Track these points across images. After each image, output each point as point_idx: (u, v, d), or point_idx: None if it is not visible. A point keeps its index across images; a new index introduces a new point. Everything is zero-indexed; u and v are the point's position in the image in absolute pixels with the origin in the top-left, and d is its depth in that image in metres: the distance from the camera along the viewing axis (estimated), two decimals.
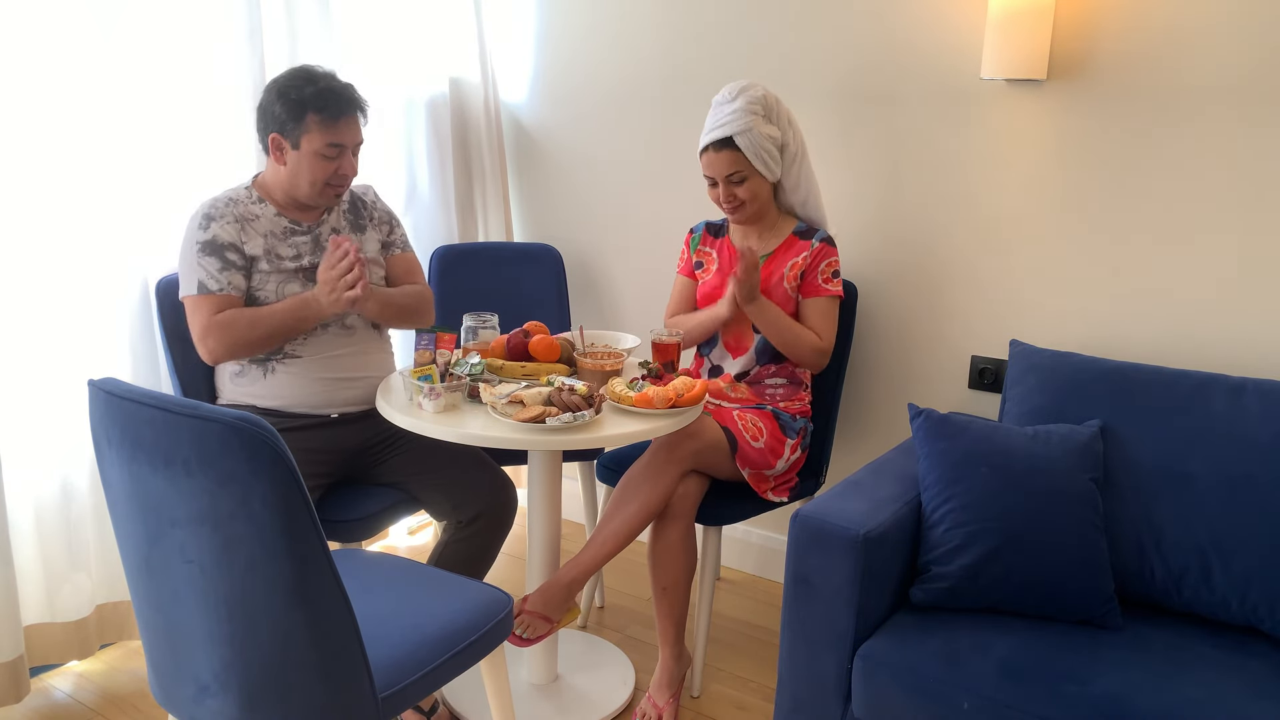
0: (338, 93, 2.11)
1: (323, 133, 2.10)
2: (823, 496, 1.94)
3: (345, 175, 2.17)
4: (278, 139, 2.12)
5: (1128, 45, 2.19)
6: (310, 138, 2.10)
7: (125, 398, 1.42)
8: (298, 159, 2.12)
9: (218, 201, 2.15)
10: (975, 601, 1.89)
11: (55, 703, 2.29)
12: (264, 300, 2.15)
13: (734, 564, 3.03)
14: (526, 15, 3.12)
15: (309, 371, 2.20)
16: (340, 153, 2.13)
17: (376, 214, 2.36)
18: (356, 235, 2.28)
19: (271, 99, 2.11)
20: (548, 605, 2.12)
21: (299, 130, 2.10)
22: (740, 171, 2.26)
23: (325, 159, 2.12)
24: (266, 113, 2.13)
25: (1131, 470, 1.96)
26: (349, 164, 2.16)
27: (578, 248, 3.17)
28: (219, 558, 1.41)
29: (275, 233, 2.17)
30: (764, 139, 2.23)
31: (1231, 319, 2.17)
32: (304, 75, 2.12)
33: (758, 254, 2.26)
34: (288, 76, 2.13)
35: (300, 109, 2.08)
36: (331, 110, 2.10)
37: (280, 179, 2.17)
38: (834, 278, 2.34)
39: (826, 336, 2.34)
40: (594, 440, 1.90)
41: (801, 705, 1.90)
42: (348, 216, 2.29)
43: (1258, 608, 1.83)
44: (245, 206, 2.16)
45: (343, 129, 2.12)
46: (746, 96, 2.24)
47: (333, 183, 2.16)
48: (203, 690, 1.51)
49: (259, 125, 2.16)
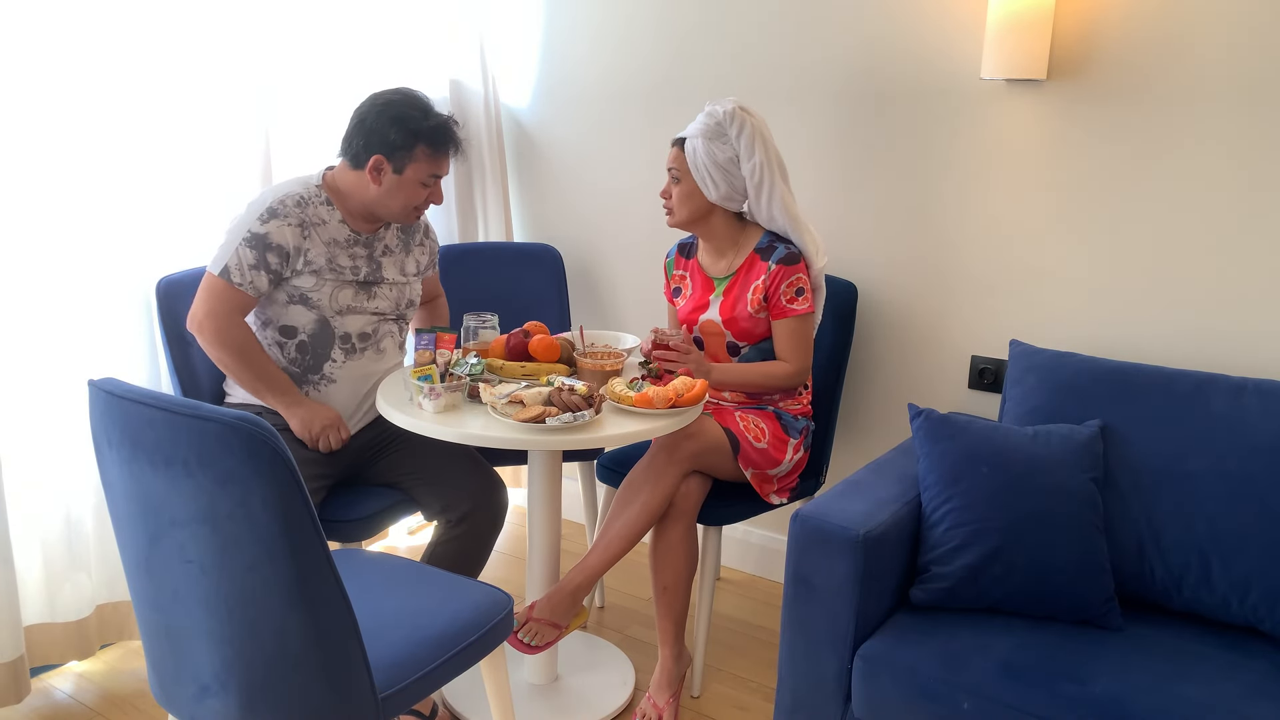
0: (450, 131, 2.17)
1: (429, 164, 2.15)
2: (823, 496, 1.94)
3: (434, 203, 2.23)
4: (380, 161, 2.13)
5: (1128, 45, 2.19)
6: (417, 167, 2.14)
7: (125, 398, 1.42)
8: (397, 183, 2.15)
9: (288, 199, 2.14)
10: (975, 601, 1.89)
11: (55, 703, 2.29)
12: (315, 301, 2.16)
13: (734, 564, 3.03)
14: (526, 17, 3.12)
15: (338, 394, 2.23)
16: (436, 183, 2.20)
17: (426, 236, 2.40)
18: (402, 255, 2.31)
19: (385, 123, 2.11)
20: (555, 611, 2.12)
21: (407, 158, 2.13)
22: (677, 170, 2.27)
23: (423, 187, 2.17)
24: (375, 134, 2.12)
25: (1131, 470, 1.96)
26: (439, 193, 2.23)
27: (578, 248, 3.17)
28: (219, 558, 1.41)
29: (338, 240, 2.18)
30: (706, 155, 2.21)
31: (1231, 319, 2.17)
32: (420, 107, 2.15)
33: (679, 333, 2.22)
34: (404, 104, 2.14)
35: (413, 139, 2.12)
36: (443, 147, 2.16)
37: (366, 194, 2.17)
38: (798, 296, 2.27)
39: (796, 359, 2.29)
40: (594, 440, 1.90)
41: (801, 705, 1.90)
42: (400, 234, 2.32)
43: (1258, 608, 1.83)
44: (314, 209, 2.16)
45: (445, 163, 2.19)
46: (709, 109, 2.24)
47: (420, 207, 2.22)
48: (203, 690, 1.51)
49: (359, 139, 2.14)
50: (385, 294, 2.27)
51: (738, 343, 2.34)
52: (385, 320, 2.28)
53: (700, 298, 2.38)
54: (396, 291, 2.29)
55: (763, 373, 2.30)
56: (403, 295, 2.31)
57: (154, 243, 2.35)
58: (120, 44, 2.23)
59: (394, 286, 2.29)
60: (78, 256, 2.22)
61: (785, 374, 2.30)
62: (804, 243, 2.29)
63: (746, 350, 2.35)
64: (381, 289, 2.26)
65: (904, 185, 2.54)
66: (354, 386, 2.25)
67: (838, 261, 2.67)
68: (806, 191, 2.65)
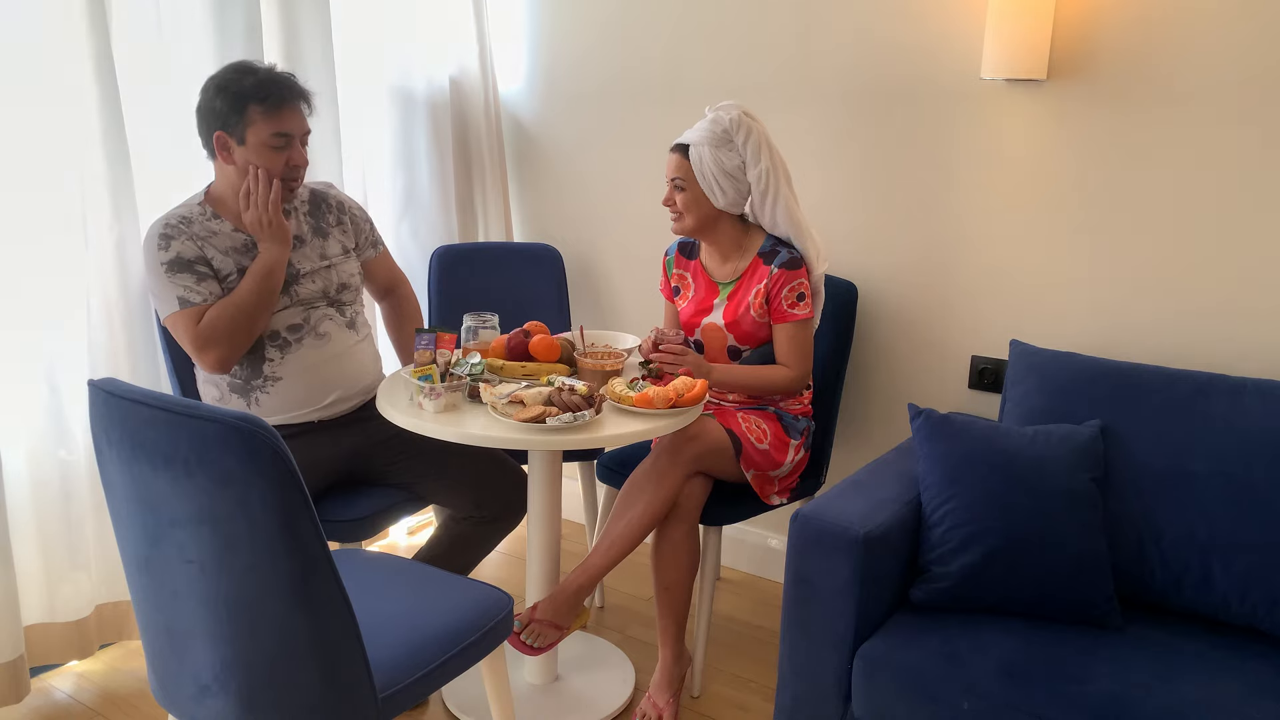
0: (279, 82, 2.07)
1: (268, 123, 2.05)
2: (823, 496, 1.94)
3: (297, 166, 2.12)
4: (223, 137, 2.06)
5: (1128, 45, 2.19)
6: (256, 129, 2.05)
7: (125, 398, 1.42)
8: (245, 155, 2.06)
9: (172, 220, 2.08)
10: (975, 601, 1.89)
11: (55, 703, 2.29)
12: None
13: (734, 564, 3.03)
14: (526, 14, 3.12)
15: (290, 390, 2.18)
16: (288, 142, 2.09)
17: (343, 215, 2.31)
18: (318, 240, 2.24)
19: (210, 96, 2.05)
20: (557, 613, 2.12)
21: (242, 124, 2.04)
22: (682, 179, 2.25)
23: (274, 150, 2.07)
24: (207, 111, 2.06)
25: (1131, 470, 1.95)
26: (299, 154, 2.12)
27: (578, 248, 3.17)
28: (219, 558, 1.41)
29: (236, 248, 2.12)
30: (713, 162, 2.20)
31: (1231, 319, 2.17)
32: (242, 68, 2.07)
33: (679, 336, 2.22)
34: (225, 71, 2.08)
35: (240, 101, 2.03)
36: (273, 100, 2.05)
37: (232, 181, 2.10)
38: (799, 301, 2.27)
39: (796, 364, 2.29)
40: (594, 440, 1.90)
41: (801, 705, 1.90)
42: (308, 220, 2.24)
43: (1258, 608, 1.83)
44: (201, 224, 2.10)
45: (286, 118, 2.08)
46: (713, 116, 2.23)
47: (285, 177, 2.11)
48: (203, 690, 1.51)
49: (201, 127, 2.09)
50: (308, 285, 2.19)
51: (739, 346, 2.34)
52: (314, 307, 2.21)
53: (704, 301, 2.38)
54: (321, 279, 2.22)
55: (763, 377, 2.30)
56: (330, 280, 2.23)
57: None
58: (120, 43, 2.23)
59: (316, 275, 2.21)
60: (78, 256, 2.22)
61: (786, 379, 2.30)
62: (806, 248, 2.29)
63: (748, 354, 2.35)
64: (302, 283, 2.18)
65: (903, 185, 2.54)
66: (305, 378, 2.18)
67: (838, 261, 2.67)
68: (806, 192, 2.64)
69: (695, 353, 2.21)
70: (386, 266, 2.45)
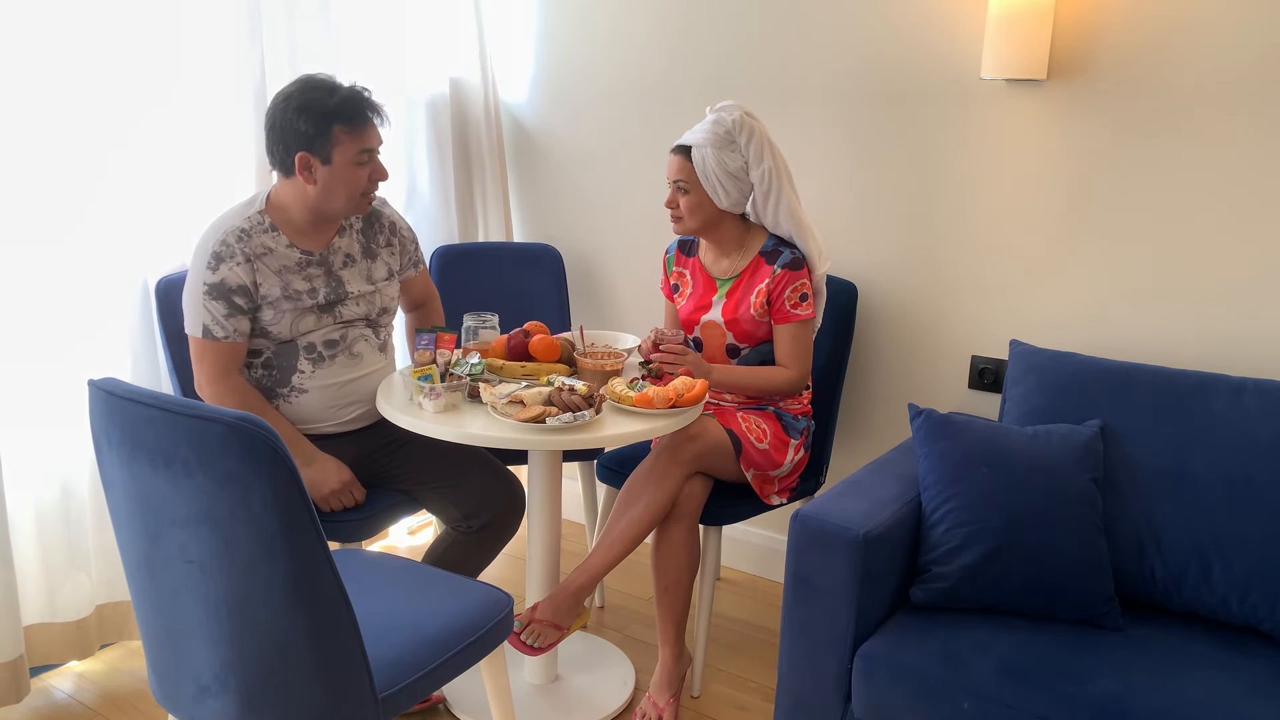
0: (360, 100, 2.06)
1: (353, 142, 2.04)
2: (823, 496, 1.94)
3: (376, 181, 2.13)
4: (306, 158, 2.03)
5: (1128, 45, 2.19)
6: (342, 150, 2.03)
7: (125, 398, 1.42)
8: (330, 174, 2.05)
9: (229, 236, 2.06)
10: (975, 601, 1.89)
11: (55, 703, 2.29)
12: (277, 335, 2.11)
13: (734, 564, 3.03)
14: (527, 15, 3.12)
15: (311, 402, 2.18)
16: (371, 158, 2.10)
17: (393, 236, 2.29)
18: (365, 261, 2.23)
19: (291, 117, 2.01)
20: (558, 613, 2.12)
21: (329, 145, 2.03)
22: (685, 182, 2.25)
23: (359, 167, 2.07)
24: (288, 132, 2.02)
25: (1131, 470, 1.95)
26: (380, 169, 2.12)
27: (578, 248, 3.17)
28: (219, 558, 1.41)
29: (289, 267, 2.11)
30: (716, 164, 2.20)
31: (1231, 319, 2.17)
32: (322, 88, 2.04)
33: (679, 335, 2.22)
34: (304, 91, 2.03)
35: (326, 122, 2.01)
36: (359, 119, 2.05)
37: (307, 198, 2.08)
38: (802, 301, 2.27)
39: (796, 364, 2.29)
40: (594, 440, 1.90)
41: (801, 705, 1.90)
42: (360, 239, 2.23)
43: (1258, 608, 1.83)
44: (257, 239, 2.08)
45: (370, 134, 2.08)
46: (715, 117, 2.23)
47: (366, 191, 2.12)
48: (203, 690, 1.51)
49: (277, 145, 2.05)
50: (352, 308, 2.20)
51: (738, 344, 2.34)
52: (354, 326, 2.21)
53: (702, 298, 2.38)
54: (366, 304, 2.22)
55: (762, 377, 2.30)
56: (374, 304, 2.24)
57: (154, 242, 2.35)
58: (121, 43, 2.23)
59: (361, 299, 2.21)
60: (78, 256, 2.22)
61: (786, 380, 2.30)
62: (808, 247, 2.29)
63: (746, 352, 2.35)
64: (347, 305, 2.19)
65: (904, 185, 2.54)
66: (330, 394, 2.18)
67: (838, 261, 2.67)
68: (807, 192, 2.64)
69: (695, 353, 2.22)
70: (423, 284, 2.44)
